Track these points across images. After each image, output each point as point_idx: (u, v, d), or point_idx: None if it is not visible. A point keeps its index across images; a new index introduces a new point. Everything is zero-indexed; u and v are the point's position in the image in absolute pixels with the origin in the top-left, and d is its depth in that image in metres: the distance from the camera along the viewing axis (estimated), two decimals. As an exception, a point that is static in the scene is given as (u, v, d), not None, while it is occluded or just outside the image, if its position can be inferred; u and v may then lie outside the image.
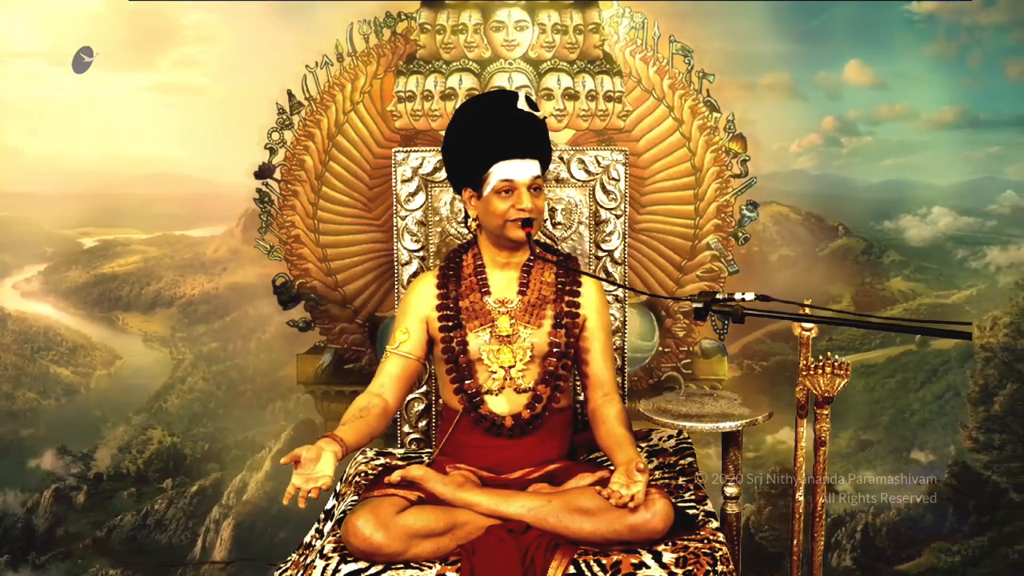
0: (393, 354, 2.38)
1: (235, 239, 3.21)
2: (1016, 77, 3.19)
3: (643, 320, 3.24)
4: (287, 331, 3.22)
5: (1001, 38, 3.16)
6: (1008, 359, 3.28)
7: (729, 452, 2.54)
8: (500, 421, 2.34)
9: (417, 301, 2.42)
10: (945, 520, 3.32)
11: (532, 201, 2.30)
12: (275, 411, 3.25)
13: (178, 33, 3.11)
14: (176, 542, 3.27)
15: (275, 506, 3.24)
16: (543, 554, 2.01)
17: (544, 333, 2.37)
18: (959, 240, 3.26)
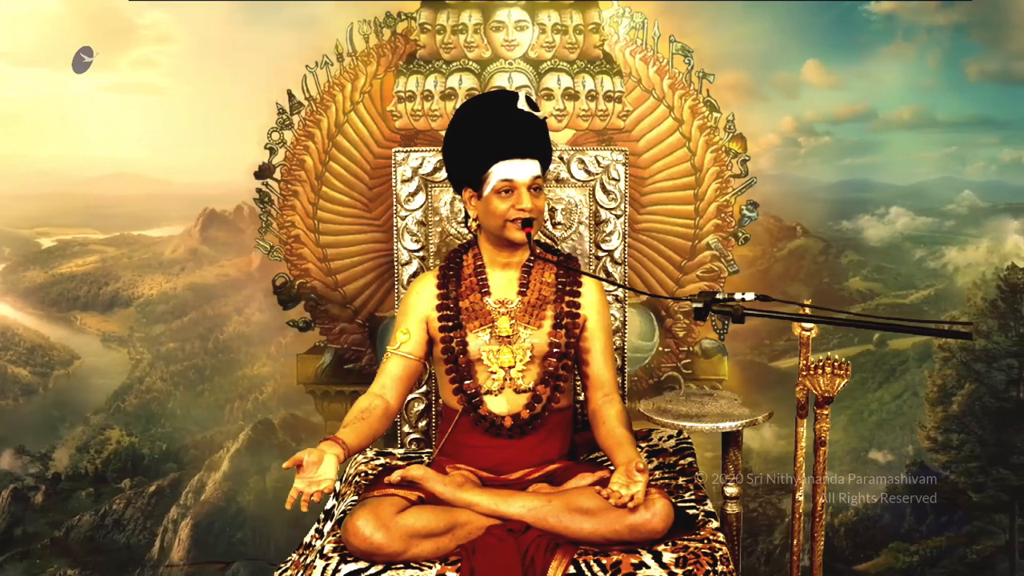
0: (394, 354, 2.38)
1: (193, 239, 3.22)
2: (975, 77, 3.19)
3: (643, 320, 3.24)
4: (245, 331, 3.23)
5: (959, 38, 3.16)
6: (966, 359, 3.28)
7: (729, 452, 2.54)
8: (499, 421, 2.33)
9: (417, 301, 2.42)
10: (903, 520, 3.32)
11: (532, 201, 2.30)
12: (233, 411, 3.26)
13: (136, 33, 3.11)
14: (134, 542, 3.27)
15: (233, 506, 3.24)
16: (543, 554, 2.01)
17: (544, 333, 2.37)
18: (917, 240, 3.27)
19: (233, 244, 3.22)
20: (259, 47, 3.10)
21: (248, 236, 3.21)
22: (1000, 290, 3.25)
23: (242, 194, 3.18)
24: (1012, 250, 3.25)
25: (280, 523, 3.23)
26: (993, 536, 3.33)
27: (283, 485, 3.21)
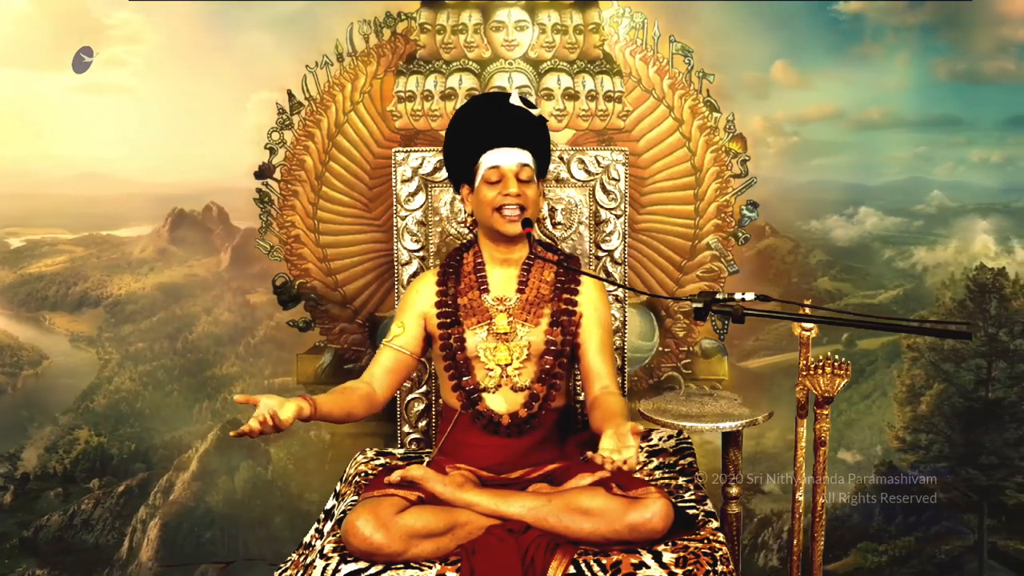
0: (386, 347, 2.39)
1: (162, 239, 3.22)
2: (943, 77, 3.19)
3: (643, 320, 3.24)
4: (214, 331, 3.23)
5: (927, 38, 3.16)
6: (935, 359, 3.28)
7: (729, 452, 2.54)
8: (497, 419, 2.34)
9: (417, 297, 2.43)
10: (872, 520, 3.31)
11: (520, 188, 2.31)
12: (202, 411, 3.26)
13: (104, 33, 3.10)
14: (103, 542, 3.26)
15: (202, 506, 3.24)
16: (543, 554, 2.01)
17: (541, 332, 2.37)
18: (886, 240, 3.27)
19: (202, 244, 3.22)
20: (228, 47, 3.10)
21: (217, 236, 3.22)
22: (969, 290, 3.25)
23: (210, 194, 3.19)
24: (981, 250, 3.25)
25: (248, 523, 3.25)
26: (962, 536, 3.33)
27: (252, 485, 3.25)
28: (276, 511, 3.24)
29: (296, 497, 3.24)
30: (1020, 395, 3.26)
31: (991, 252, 3.25)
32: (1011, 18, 3.16)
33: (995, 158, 3.21)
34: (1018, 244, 3.25)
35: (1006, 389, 3.28)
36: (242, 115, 3.14)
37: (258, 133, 3.13)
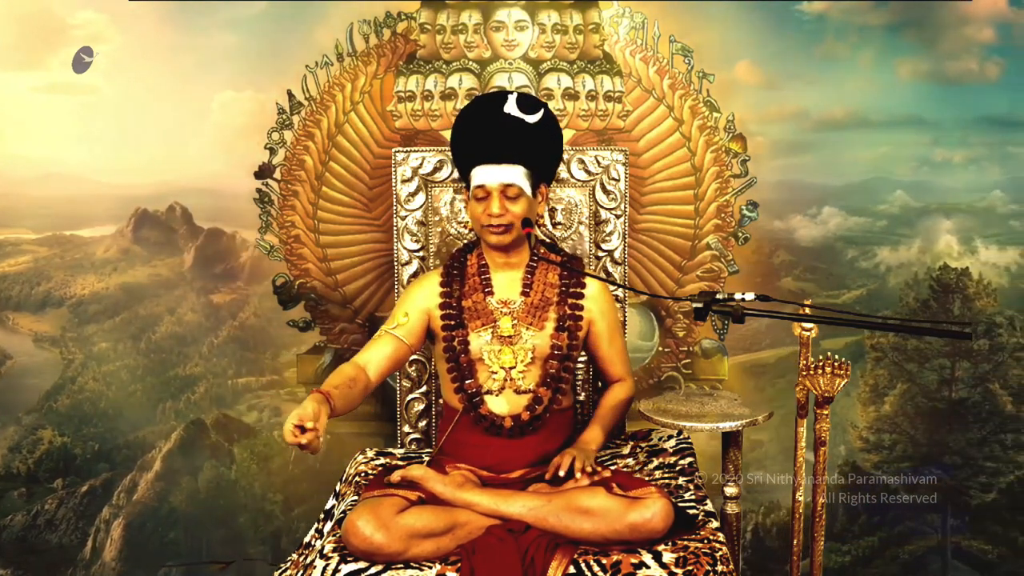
0: (387, 333, 2.37)
1: (125, 239, 3.22)
2: (907, 77, 3.19)
3: (643, 320, 3.24)
4: (177, 331, 3.24)
5: (891, 38, 3.17)
6: (898, 359, 3.28)
7: (729, 452, 2.54)
8: (500, 422, 2.34)
9: (421, 293, 2.42)
10: (836, 520, 3.31)
11: (504, 207, 2.30)
12: (165, 411, 3.26)
13: (68, 33, 3.11)
14: (66, 542, 3.26)
15: (165, 506, 3.25)
16: (543, 554, 2.01)
17: (546, 335, 2.37)
18: (849, 240, 3.27)
19: (165, 244, 3.23)
20: (192, 48, 3.11)
21: (180, 236, 3.22)
22: (932, 290, 3.26)
23: (174, 194, 3.19)
24: (944, 250, 3.26)
25: (212, 523, 3.26)
26: (925, 536, 3.33)
27: (216, 485, 3.25)
28: (240, 511, 3.25)
29: (259, 497, 3.25)
30: (983, 395, 3.27)
31: (954, 252, 3.26)
32: (975, 18, 3.16)
33: (958, 158, 3.22)
34: (981, 244, 3.26)
35: (969, 389, 3.28)
36: (206, 115, 3.14)
37: (222, 133, 3.13)
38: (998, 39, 3.16)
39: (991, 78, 3.18)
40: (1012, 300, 3.27)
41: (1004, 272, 3.28)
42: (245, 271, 3.24)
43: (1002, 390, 3.28)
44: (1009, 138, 3.22)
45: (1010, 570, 3.31)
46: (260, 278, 3.23)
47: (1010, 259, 3.28)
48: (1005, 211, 3.25)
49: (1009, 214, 3.25)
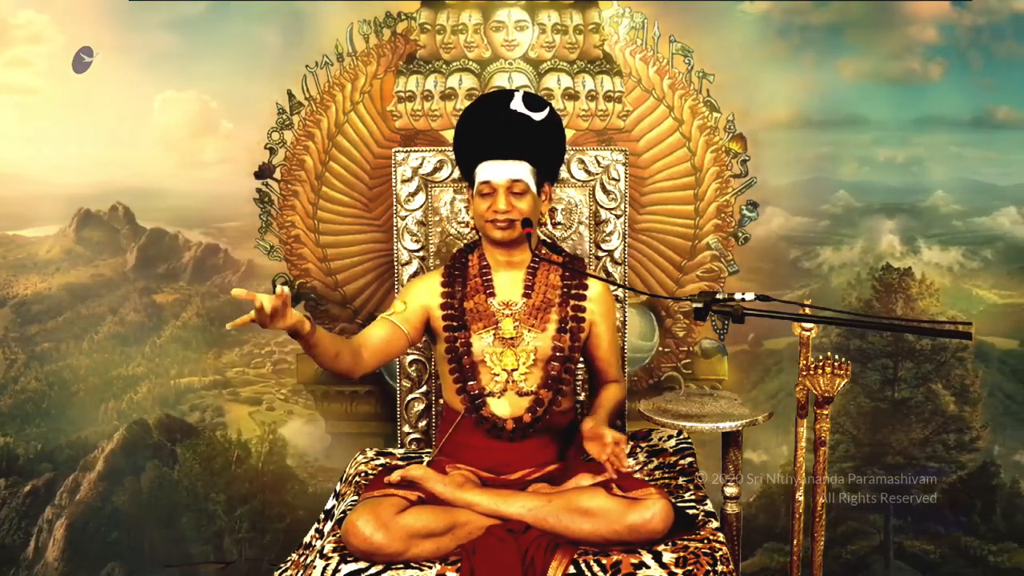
0: (385, 319, 2.35)
1: (68, 239, 3.21)
2: (849, 77, 3.19)
3: (643, 320, 3.24)
4: (120, 331, 3.23)
5: (834, 38, 3.16)
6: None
7: (729, 452, 2.54)
8: (501, 424, 2.33)
9: (423, 289, 2.42)
10: (778, 520, 3.30)
11: (510, 203, 2.30)
12: (108, 411, 3.25)
13: (9, 33, 3.10)
14: (9, 542, 3.25)
15: (108, 506, 3.25)
16: (543, 554, 2.01)
17: (548, 337, 2.37)
18: (792, 240, 3.25)
19: (108, 244, 3.22)
20: (134, 48, 3.10)
21: (123, 236, 3.22)
22: (875, 290, 3.25)
23: (116, 194, 3.18)
24: (887, 250, 3.25)
25: (155, 523, 3.26)
26: (868, 536, 3.33)
27: (158, 485, 3.25)
28: (182, 511, 3.25)
29: (202, 497, 3.25)
30: (926, 395, 3.26)
31: (897, 252, 3.26)
32: (917, 19, 3.16)
33: (901, 158, 3.21)
34: (924, 244, 3.26)
35: (912, 389, 3.28)
36: (148, 115, 3.14)
37: (164, 133, 3.13)
38: (941, 39, 3.17)
39: (934, 78, 3.19)
40: (955, 300, 3.27)
41: (947, 272, 3.28)
42: (188, 271, 3.25)
43: (945, 390, 3.28)
44: (952, 138, 3.21)
45: (952, 570, 3.31)
46: (203, 278, 3.24)
47: (952, 259, 3.28)
48: (948, 211, 3.25)
49: (952, 214, 3.25)
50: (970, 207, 3.25)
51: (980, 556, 3.31)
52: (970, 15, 3.16)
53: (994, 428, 3.31)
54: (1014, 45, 3.17)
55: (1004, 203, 3.25)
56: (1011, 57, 3.17)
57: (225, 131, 3.16)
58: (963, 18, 3.17)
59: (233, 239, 3.23)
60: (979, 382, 3.29)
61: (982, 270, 3.28)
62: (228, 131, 3.16)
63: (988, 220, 3.27)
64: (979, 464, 3.31)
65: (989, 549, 3.32)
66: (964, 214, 3.26)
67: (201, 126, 3.14)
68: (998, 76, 3.19)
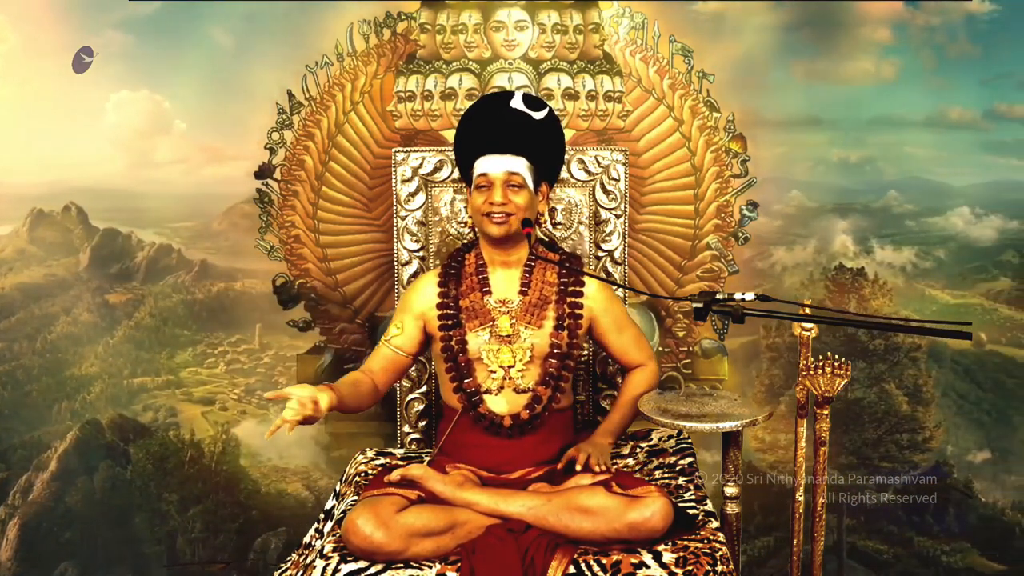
0: (384, 345, 2.42)
1: (21, 239, 3.21)
2: (803, 77, 3.18)
3: (643, 320, 3.24)
4: (73, 331, 3.23)
5: (788, 38, 3.15)
6: (794, 359, 3.26)
7: (729, 452, 2.54)
8: (499, 421, 2.34)
9: (416, 298, 2.43)
10: None
11: (506, 196, 2.31)
12: (61, 411, 3.25)
13: None
14: None
15: (61, 506, 3.24)
16: (543, 553, 2.01)
17: (545, 334, 2.37)
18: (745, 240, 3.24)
19: (61, 244, 3.21)
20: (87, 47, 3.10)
21: (76, 236, 3.21)
22: (828, 290, 3.24)
23: (70, 193, 3.18)
24: (839, 250, 3.25)
25: (108, 522, 3.26)
26: None
27: (111, 485, 3.25)
28: (135, 511, 3.25)
29: (155, 497, 3.25)
30: (879, 395, 3.25)
31: (850, 252, 3.26)
32: (871, 19, 3.16)
33: (854, 158, 3.21)
34: (877, 244, 3.26)
35: (865, 389, 3.27)
36: (102, 115, 3.14)
37: (118, 132, 3.13)
38: (894, 39, 3.17)
39: (887, 78, 3.18)
40: (908, 300, 3.27)
41: (899, 272, 3.28)
42: (141, 271, 3.25)
43: (898, 390, 3.27)
44: (905, 138, 3.21)
45: (905, 570, 3.31)
46: (156, 278, 3.24)
47: (905, 259, 3.28)
48: (901, 211, 3.25)
49: (904, 214, 3.25)
50: (923, 207, 3.25)
51: (933, 556, 3.31)
52: (923, 15, 3.16)
53: (947, 428, 3.31)
54: (967, 45, 3.18)
55: (957, 203, 3.25)
56: (964, 57, 3.18)
57: (179, 131, 3.16)
58: (916, 18, 3.17)
59: (186, 239, 3.24)
60: (932, 382, 3.29)
61: (935, 270, 3.28)
62: (182, 131, 3.16)
63: (941, 220, 3.26)
64: (932, 464, 3.30)
65: (942, 549, 3.32)
66: (917, 214, 3.26)
67: (154, 126, 3.14)
68: (951, 76, 3.19)
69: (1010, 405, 3.31)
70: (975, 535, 3.32)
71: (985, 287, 3.30)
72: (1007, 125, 3.22)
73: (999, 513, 3.32)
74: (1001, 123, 3.21)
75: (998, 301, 3.30)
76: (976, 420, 3.32)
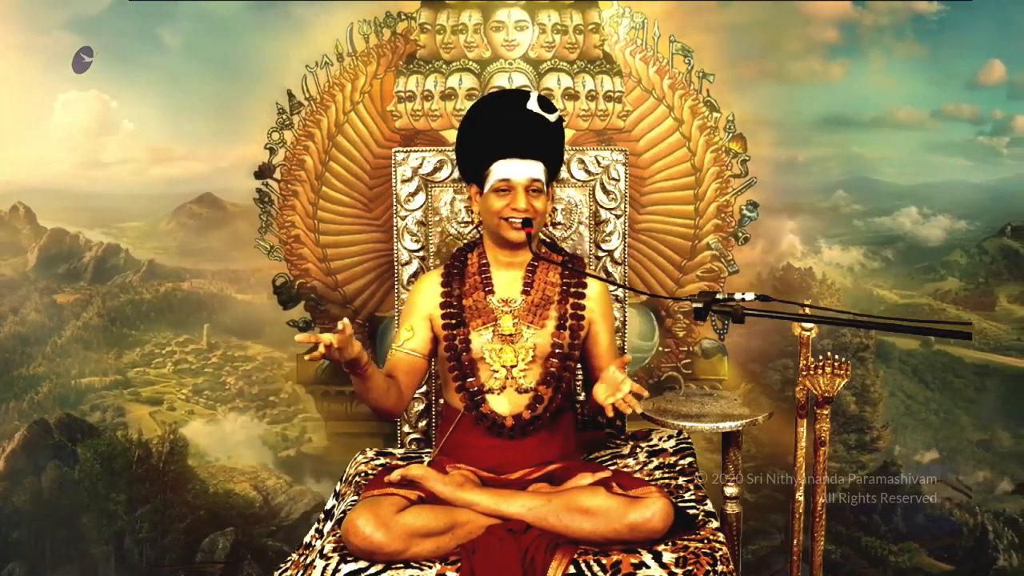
0: (398, 351, 2.40)
1: None
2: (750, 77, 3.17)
3: (643, 320, 3.24)
4: (20, 331, 3.22)
5: (736, 38, 3.14)
6: (742, 360, 3.27)
7: (729, 452, 2.54)
8: (501, 421, 2.34)
9: (422, 299, 2.43)
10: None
11: (528, 202, 2.31)
12: (9, 411, 3.24)
13: None
14: None
15: (8, 506, 3.24)
16: (543, 554, 2.02)
17: (547, 334, 2.37)
18: None
19: (9, 244, 3.21)
20: (34, 48, 3.09)
21: (24, 236, 3.21)
22: (776, 290, 3.23)
23: (18, 193, 3.17)
24: (787, 250, 3.24)
25: (55, 522, 3.25)
26: (768, 536, 3.32)
27: (59, 485, 3.24)
28: (83, 511, 3.25)
29: (103, 497, 3.25)
30: None
31: (798, 252, 3.26)
32: (818, 19, 3.16)
33: (802, 158, 3.21)
34: (825, 244, 3.26)
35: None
36: (49, 115, 3.13)
37: (66, 132, 3.12)
38: (842, 40, 3.17)
39: (835, 78, 3.18)
40: (856, 300, 3.27)
41: (847, 272, 3.28)
42: (89, 271, 3.24)
43: (845, 390, 3.25)
44: (852, 138, 3.21)
45: (853, 570, 3.31)
46: (104, 278, 3.24)
47: (853, 259, 3.28)
48: (848, 211, 3.25)
49: (852, 214, 3.25)
50: (871, 207, 3.25)
51: (881, 556, 3.31)
52: (871, 15, 3.16)
53: (895, 428, 3.31)
54: (915, 45, 3.18)
55: (905, 203, 3.25)
56: (912, 57, 3.18)
57: (127, 131, 3.16)
58: (864, 18, 3.17)
59: (134, 239, 3.24)
60: (880, 382, 3.29)
61: (883, 270, 3.29)
62: (129, 131, 3.16)
63: (889, 220, 3.27)
64: (880, 464, 3.30)
65: (890, 549, 3.32)
66: (865, 214, 3.26)
67: (103, 126, 3.14)
68: (899, 76, 3.19)
69: (957, 405, 3.32)
70: (923, 535, 3.32)
71: (933, 287, 3.31)
72: (955, 125, 3.22)
73: (947, 513, 3.33)
74: (949, 123, 3.22)
75: (946, 301, 3.30)
76: (924, 420, 3.33)
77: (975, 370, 3.32)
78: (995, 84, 3.20)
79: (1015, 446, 3.31)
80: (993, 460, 3.31)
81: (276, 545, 3.27)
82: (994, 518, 3.32)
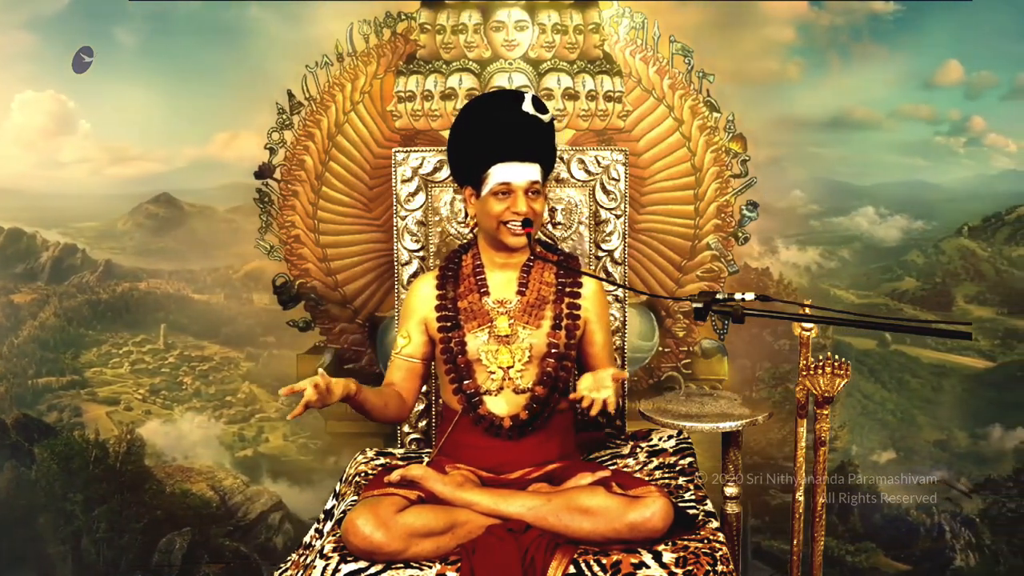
0: (397, 358, 2.42)
1: None
2: None
3: (643, 320, 3.24)
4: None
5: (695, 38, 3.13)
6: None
7: (729, 452, 2.54)
8: (499, 422, 2.34)
9: (416, 304, 2.43)
10: None
11: (528, 204, 2.30)
12: None
13: None
14: None
15: None
16: (543, 554, 2.01)
17: (543, 334, 2.37)
18: None
19: None
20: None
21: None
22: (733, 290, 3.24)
23: None
24: (744, 250, 3.23)
25: (12, 522, 3.25)
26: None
27: (16, 485, 3.25)
28: (40, 511, 3.25)
29: (60, 497, 3.25)
30: (784, 395, 3.22)
31: (755, 252, 3.25)
32: (775, 19, 3.16)
33: (760, 158, 3.19)
34: (782, 244, 3.26)
35: (770, 390, 3.26)
36: (7, 115, 3.13)
37: (23, 132, 3.13)
38: (799, 39, 3.16)
39: (792, 78, 3.18)
40: (812, 300, 3.20)
41: (804, 272, 3.28)
42: (46, 271, 3.24)
43: None
44: (809, 138, 3.21)
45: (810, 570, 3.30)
46: (60, 278, 3.24)
47: (810, 259, 3.28)
48: (805, 211, 3.25)
49: (809, 214, 3.25)
50: (828, 207, 3.25)
51: (838, 556, 3.30)
52: (828, 15, 3.16)
53: (852, 428, 3.31)
54: (871, 46, 3.17)
55: (861, 203, 3.25)
56: (868, 58, 3.17)
57: (83, 131, 3.16)
58: (821, 18, 3.17)
59: (91, 239, 3.23)
60: None
61: (840, 270, 3.28)
62: (86, 131, 3.16)
63: (846, 220, 3.26)
64: (837, 464, 3.29)
65: (847, 549, 3.32)
66: (822, 214, 3.26)
67: (59, 126, 3.14)
68: (855, 76, 3.19)
69: (914, 405, 3.31)
70: (880, 535, 3.32)
71: (890, 287, 3.30)
72: (912, 125, 3.22)
73: (904, 513, 3.32)
74: (906, 123, 3.22)
75: (903, 301, 3.30)
76: (880, 420, 3.32)
77: (932, 370, 3.32)
78: (952, 84, 3.20)
79: (972, 446, 3.30)
80: (950, 460, 3.30)
81: (233, 545, 3.27)
82: (951, 518, 3.32)
